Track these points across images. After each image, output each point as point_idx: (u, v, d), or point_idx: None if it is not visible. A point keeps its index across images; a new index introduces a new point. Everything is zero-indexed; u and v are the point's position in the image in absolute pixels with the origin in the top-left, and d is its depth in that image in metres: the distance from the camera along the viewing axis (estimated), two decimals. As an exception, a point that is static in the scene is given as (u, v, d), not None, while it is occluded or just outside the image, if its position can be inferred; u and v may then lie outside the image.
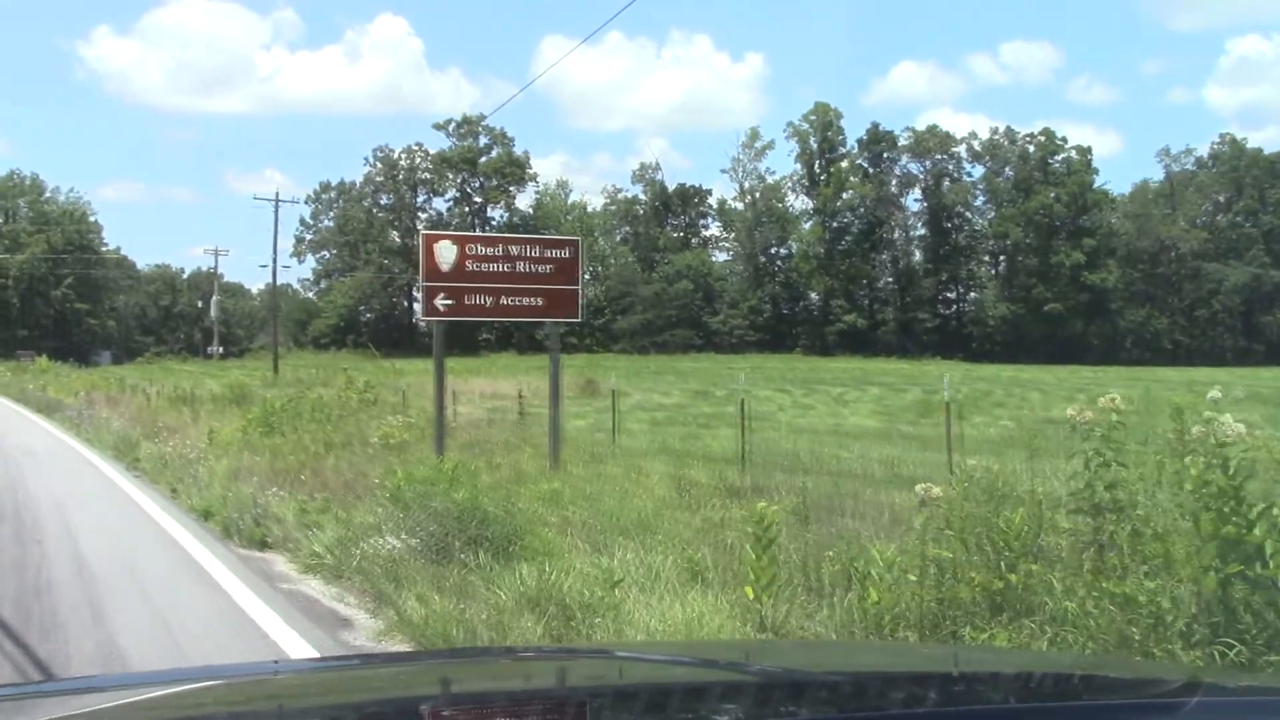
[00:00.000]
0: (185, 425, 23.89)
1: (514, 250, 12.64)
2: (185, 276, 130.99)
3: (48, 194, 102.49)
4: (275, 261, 59.06)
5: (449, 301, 12.14)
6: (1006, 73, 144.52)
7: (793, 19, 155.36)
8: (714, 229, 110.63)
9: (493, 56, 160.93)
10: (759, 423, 26.31)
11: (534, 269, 12.68)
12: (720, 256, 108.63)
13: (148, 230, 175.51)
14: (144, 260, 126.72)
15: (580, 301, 13.42)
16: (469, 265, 12.19)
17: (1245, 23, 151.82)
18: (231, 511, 10.40)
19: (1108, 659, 4.69)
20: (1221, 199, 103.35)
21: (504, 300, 12.54)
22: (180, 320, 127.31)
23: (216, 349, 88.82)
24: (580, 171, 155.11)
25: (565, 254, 13.17)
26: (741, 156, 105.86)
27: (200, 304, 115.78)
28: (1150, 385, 46.95)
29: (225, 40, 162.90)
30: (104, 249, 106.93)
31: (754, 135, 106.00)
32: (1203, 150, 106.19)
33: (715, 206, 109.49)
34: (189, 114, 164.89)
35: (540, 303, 12.92)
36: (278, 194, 60.29)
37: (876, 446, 17.45)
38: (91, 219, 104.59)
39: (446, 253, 11.94)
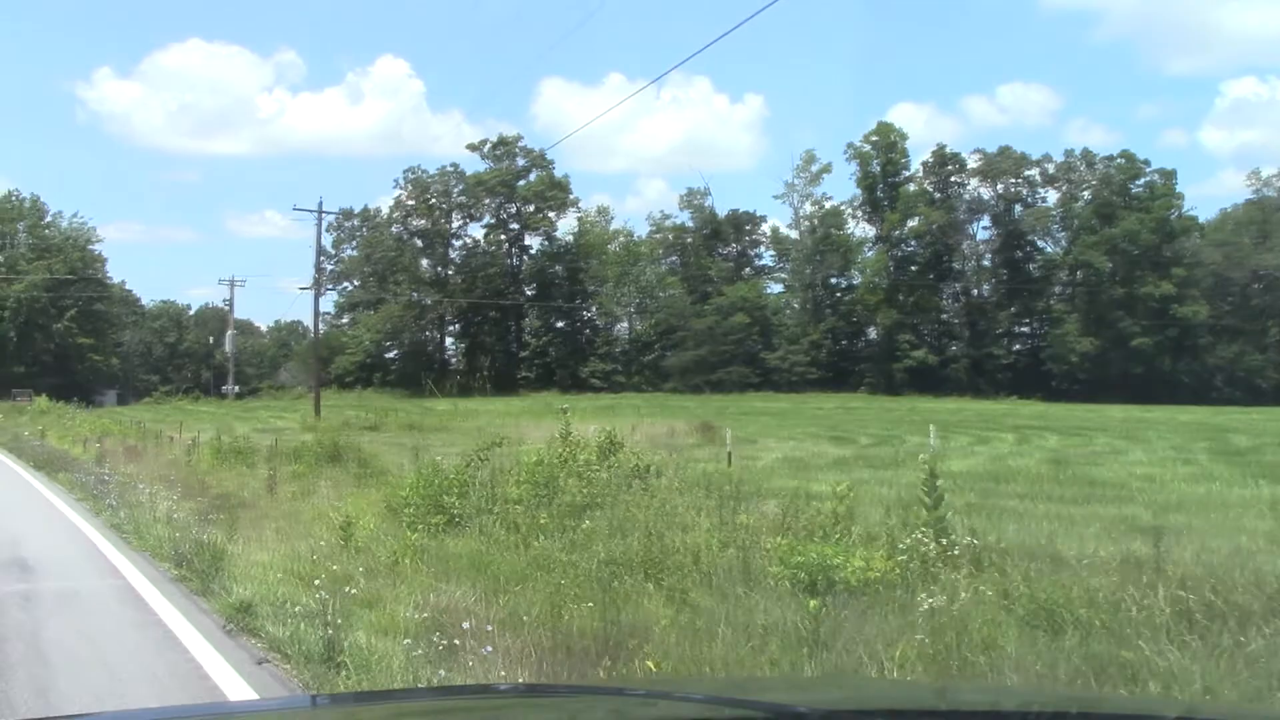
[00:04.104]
0: (259, 498, 15.79)
1: None
2: (192, 313, 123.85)
3: (49, 219, 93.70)
4: (319, 281, 50.67)
5: None
6: (1005, 114, 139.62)
7: (792, 61, 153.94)
8: (766, 259, 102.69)
9: (493, 98, 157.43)
10: (1106, 489, 17.94)
11: None
12: (773, 288, 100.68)
13: (150, 271, 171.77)
14: (146, 299, 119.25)
15: None
16: None
17: (1240, 66, 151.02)
18: None
19: (1105, 695, 4.54)
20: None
21: None
22: (187, 358, 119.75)
23: (232, 388, 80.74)
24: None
25: None
26: (796, 181, 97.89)
27: (210, 340, 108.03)
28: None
29: (227, 82, 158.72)
30: (108, 281, 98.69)
31: (809, 158, 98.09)
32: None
33: (769, 234, 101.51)
34: (191, 155, 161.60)
35: None
36: (320, 202, 52.10)
37: None
38: (94, 248, 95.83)
39: None
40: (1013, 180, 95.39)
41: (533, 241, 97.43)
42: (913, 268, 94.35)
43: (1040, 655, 5.43)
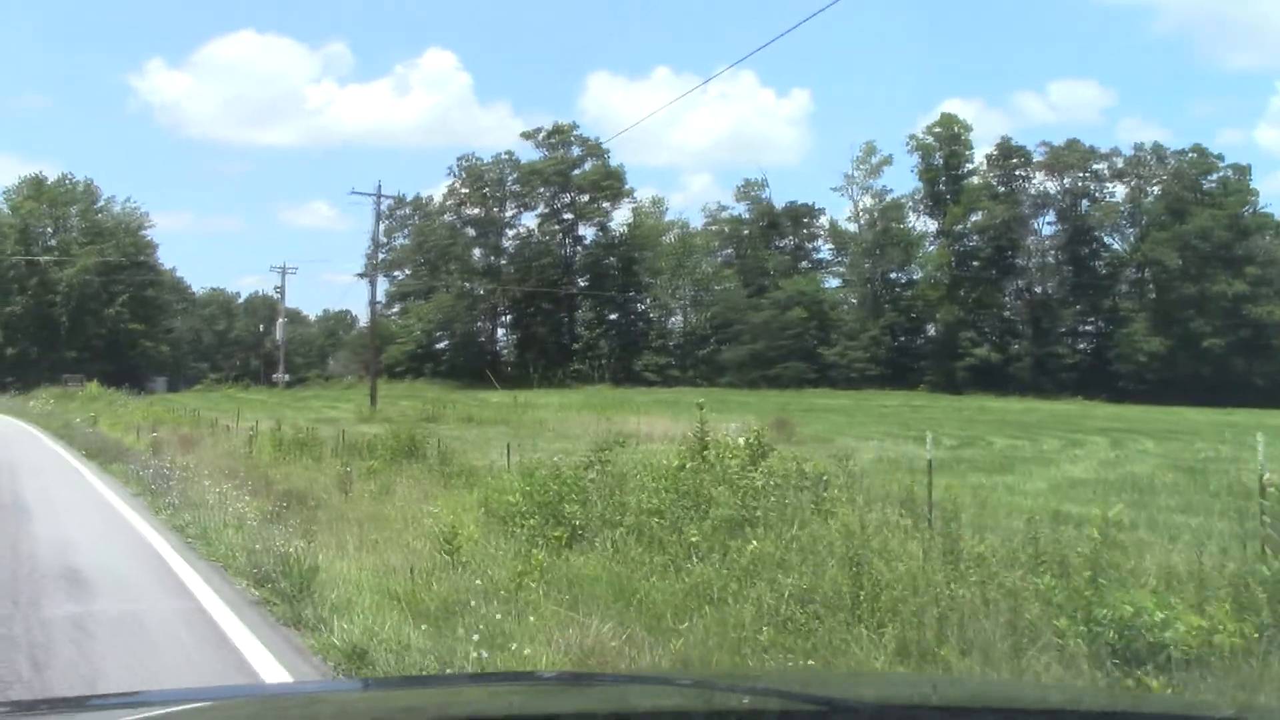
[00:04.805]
0: (331, 497, 14.24)
1: None
2: (241, 301, 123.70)
3: (101, 203, 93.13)
4: (374, 266, 49.32)
5: None
6: (1055, 111, 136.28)
7: (838, 56, 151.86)
8: (824, 252, 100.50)
9: (540, 91, 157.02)
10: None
11: None
12: (831, 282, 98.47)
13: (200, 259, 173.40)
14: (196, 286, 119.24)
15: None
16: None
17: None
18: None
19: (1152, 694, 4.50)
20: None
21: None
22: (236, 346, 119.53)
23: (283, 376, 79.83)
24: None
25: None
26: (855, 173, 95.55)
27: (261, 328, 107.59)
28: None
29: (276, 74, 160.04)
30: (160, 267, 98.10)
31: (869, 150, 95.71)
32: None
33: (827, 227, 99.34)
34: (240, 146, 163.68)
35: None
36: (379, 185, 50.72)
37: None
38: (146, 234, 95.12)
39: None
40: (1079, 174, 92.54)
41: (586, 232, 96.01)
42: (975, 263, 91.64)
43: None
